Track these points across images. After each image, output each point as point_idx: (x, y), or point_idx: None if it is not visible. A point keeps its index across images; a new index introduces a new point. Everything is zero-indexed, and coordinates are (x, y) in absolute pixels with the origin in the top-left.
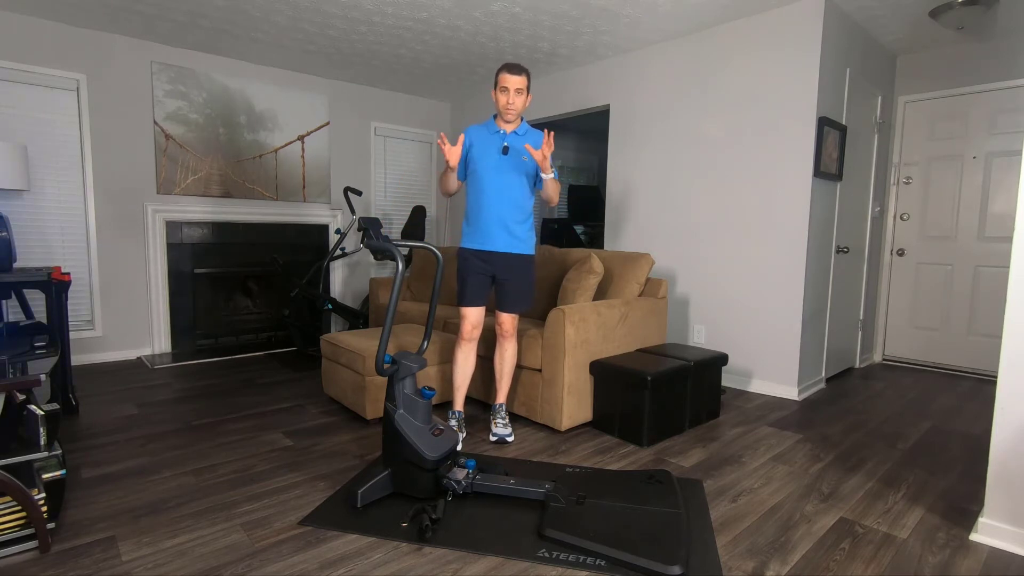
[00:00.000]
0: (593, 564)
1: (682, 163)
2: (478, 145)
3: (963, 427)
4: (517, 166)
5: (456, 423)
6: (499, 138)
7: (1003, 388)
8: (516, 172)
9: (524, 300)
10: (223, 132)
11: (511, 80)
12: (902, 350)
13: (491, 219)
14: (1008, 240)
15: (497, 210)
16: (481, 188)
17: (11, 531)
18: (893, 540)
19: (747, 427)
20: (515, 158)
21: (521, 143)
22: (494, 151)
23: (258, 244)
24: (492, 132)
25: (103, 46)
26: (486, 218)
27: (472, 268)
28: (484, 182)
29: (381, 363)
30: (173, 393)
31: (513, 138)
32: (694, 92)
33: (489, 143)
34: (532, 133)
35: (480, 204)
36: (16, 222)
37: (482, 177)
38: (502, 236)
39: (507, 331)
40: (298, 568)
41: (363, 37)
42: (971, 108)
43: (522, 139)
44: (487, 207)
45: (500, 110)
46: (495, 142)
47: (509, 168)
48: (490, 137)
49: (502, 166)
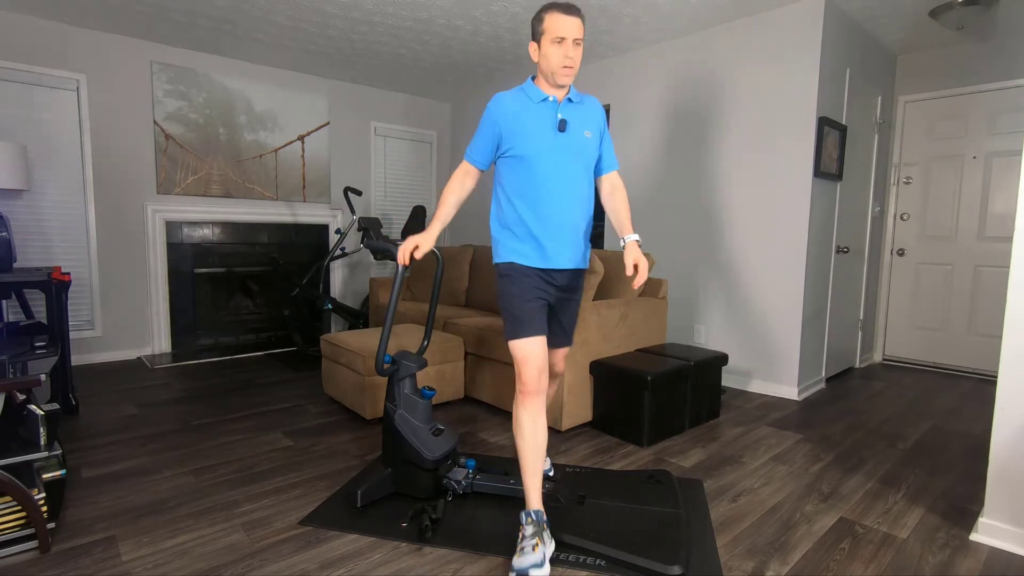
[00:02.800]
0: (593, 564)
1: (682, 163)
2: (519, 121)
3: (963, 427)
4: (580, 149)
5: (534, 530)
6: (550, 109)
7: (1003, 388)
8: (579, 157)
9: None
10: (223, 132)
11: (568, 25)
12: (902, 350)
13: (558, 226)
14: (1008, 240)
15: (565, 212)
16: (536, 180)
17: (11, 531)
18: (893, 540)
19: (747, 427)
20: (576, 138)
21: (580, 117)
22: (547, 127)
23: (258, 244)
24: (536, 100)
25: (103, 46)
26: (551, 225)
27: (533, 291)
28: (540, 172)
29: (381, 363)
30: (173, 393)
31: (569, 107)
32: (694, 92)
33: (536, 116)
34: (588, 101)
35: (538, 203)
36: (16, 222)
37: (535, 164)
38: (571, 249)
39: (560, 372)
40: (298, 568)
41: (363, 37)
42: (971, 108)
43: (579, 110)
44: (550, 209)
45: (551, 71)
46: (545, 115)
47: (569, 151)
48: (536, 108)
49: (560, 149)
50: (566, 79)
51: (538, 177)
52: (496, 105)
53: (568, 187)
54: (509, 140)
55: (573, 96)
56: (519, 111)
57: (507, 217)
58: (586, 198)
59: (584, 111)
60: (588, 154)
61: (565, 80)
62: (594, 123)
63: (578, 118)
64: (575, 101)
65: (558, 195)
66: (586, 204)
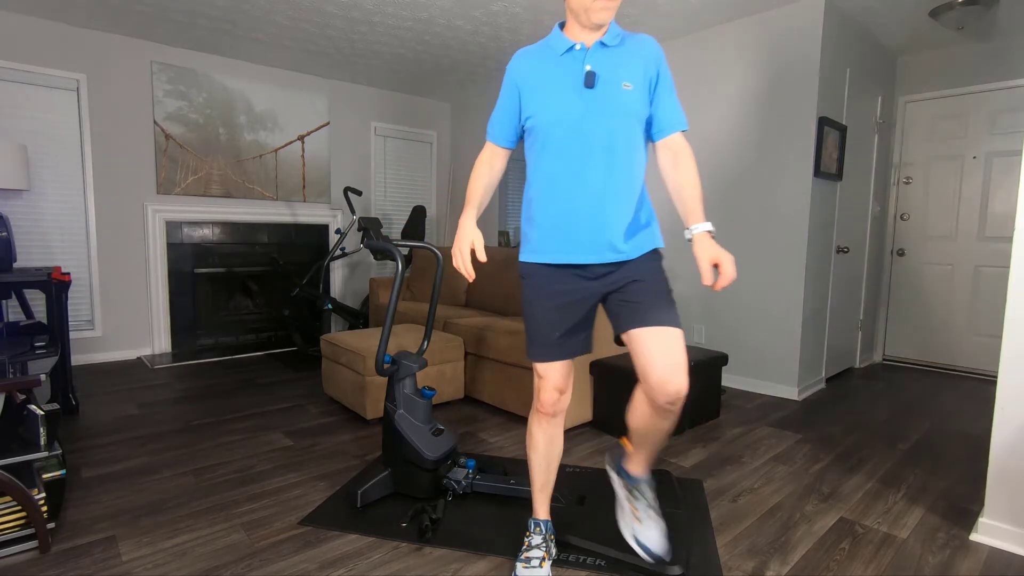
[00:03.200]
0: (593, 564)
1: None
2: (537, 79)
3: (963, 427)
4: (615, 107)
5: (542, 540)
6: (575, 60)
7: (1003, 388)
8: (613, 117)
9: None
10: (223, 132)
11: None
12: (902, 350)
13: (588, 212)
14: (1008, 240)
15: (595, 195)
16: (557, 153)
17: (11, 531)
18: (893, 540)
19: (747, 427)
20: (610, 93)
21: (616, 64)
22: (569, 84)
23: (258, 244)
24: (560, 51)
25: (103, 46)
26: (579, 212)
27: (553, 297)
28: (560, 143)
29: (381, 363)
30: (173, 393)
31: (601, 55)
32: (694, 92)
33: (558, 72)
34: (632, 42)
35: (559, 183)
36: (16, 222)
37: (555, 133)
38: (605, 238)
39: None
40: (298, 568)
41: (363, 37)
42: (971, 108)
43: (616, 56)
44: (575, 190)
45: (582, 6)
46: (569, 68)
47: (599, 113)
48: (557, 62)
49: (587, 110)
50: (603, 14)
51: (558, 149)
52: (513, 63)
53: (599, 160)
54: (528, 106)
55: (609, 38)
56: (537, 67)
57: (529, 206)
58: (627, 172)
59: (623, 55)
60: (628, 112)
61: (602, 16)
62: (638, 69)
63: (613, 66)
64: (611, 45)
65: (586, 171)
66: (627, 180)
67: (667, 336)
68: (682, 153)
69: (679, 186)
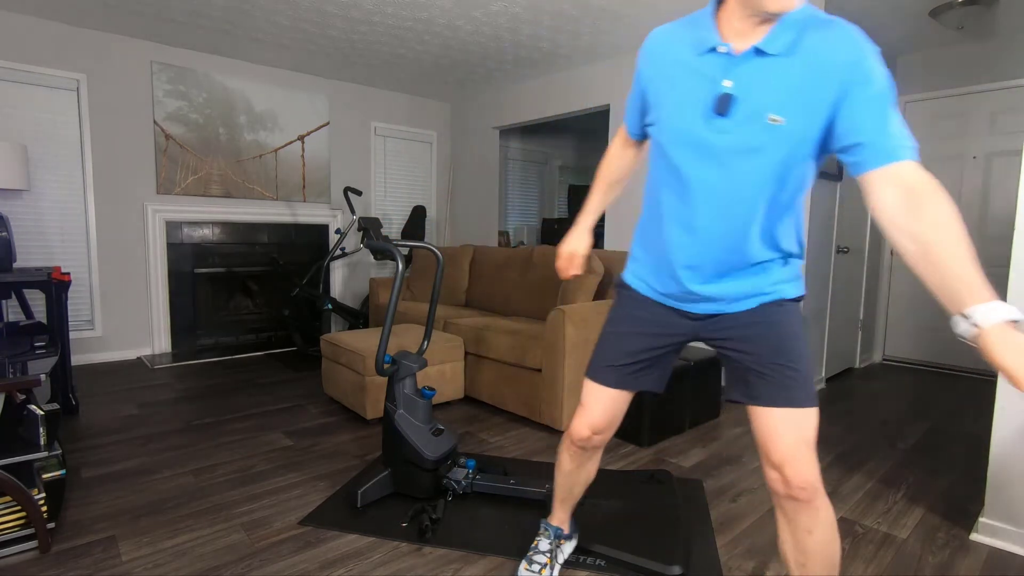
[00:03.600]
0: (593, 564)
1: None
2: (666, 78)
3: (963, 427)
4: (753, 141)
5: (549, 546)
6: (713, 68)
7: (1003, 388)
8: (749, 155)
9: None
10: (223, 132)
11: None
12: (902, 350)
13: (679, 253)
14: (1008, 240)
15: (699, 239)
16: (665, 182)
17: (11, 531)
18: (893, 540)
19: (747, 427)
20: (751, 122)
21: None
22: (699, 100)
23: (258, 244)
24: (701, 50)
25: (103, 46)
26: (669, 249)
27: (631, 320)
28: (672, 173)
29: (381, 363)
30: (173, 393)
31: (751, 67)
32: None
33: (690, 78)
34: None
35: (660, 216)
36: (16, 222)
37: (672, 157)
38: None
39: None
40: (298, 568)
41: (363, 37)
42: (971, 108)
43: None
44: (674, 228)
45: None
46: (705, 77)
47: (731, 145)
48: (692, 63)
49: (716, 141)
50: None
51: (671, 180)
52: (645, 47)
53: (714, 206)
54: (651, 110)
55: (772, 42)
56: (669, 62)
57: (642, 218)
58: (755, 222)
59: (790, 69)
60: (771, 155)
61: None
62: (809, 90)
63: (765, 86)
64: (772, 53)
65: (697, 216)
66: (753, 232)
67: (789, 417)
68: (922, 191)
69: (929, 243)
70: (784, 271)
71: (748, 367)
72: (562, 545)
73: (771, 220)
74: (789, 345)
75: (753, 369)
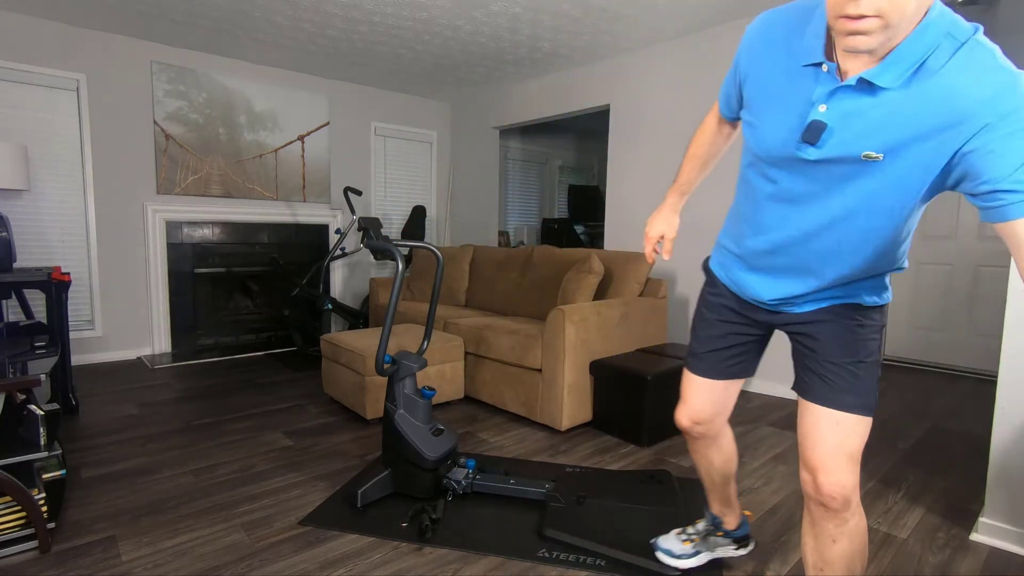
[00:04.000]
0: (593, 564)
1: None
2: (760, 81)
3: (963, 427)
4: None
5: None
6: (815, 85)
7: (1003, 388)
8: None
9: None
10: (223, 132)
11: None
12: (902, 350)
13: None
14: None
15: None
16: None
17: (11, 531)
18: (893, 540)
19: (747, 427)
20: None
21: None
22: (795, 116)
23: (258, 244)
24: (805, 61)
25: (103, 46)
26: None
27: (714, 307)
28: (757, 186)
29: (381, 363)
30: (173, 393)
31: (855, 98)
32: (694, 92)
33: (787, 86)
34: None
35: (741, 224)
36: (16, 222)
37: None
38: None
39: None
40: (298, 568)
41: (363, 37)
42: None
43: (889, 101)
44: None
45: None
46: (802, 91)
47: (818, 176)
48: (795, 70)
49: (803, 167)
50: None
51: (755, 193)
52: (748, 34)
53: (797, 234)
54: (747, 108)
55: (883, 73)
56: (770, 64)
57: (731, 208)
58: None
59: (902, 104)
60: (862, 195)
61: (853, 45)
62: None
63: (867, 120)
64: (883, 86)
65: (778, 240)
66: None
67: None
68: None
69: None
70: (865, 281)
71: (809, 362)
72: (719, 537)
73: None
74: (854, 348)
75: (812, 365)
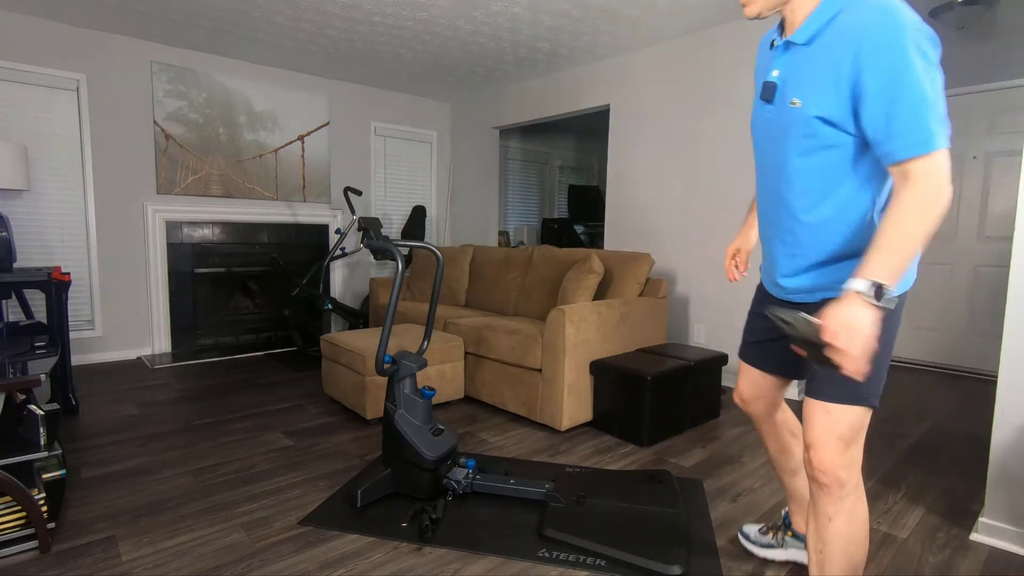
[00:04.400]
0: (593, 564)
1: (682, 163)
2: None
3: (963, 427)
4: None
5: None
6: (771, 59)
7: (1003, 388)
8: (786, 138)
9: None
10: (223, 132)
11: None
12: (902, 350)
13: (765, 238)
14: (1008, 240)
15: (767, 220)
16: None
17: (11, 531)
18: (893, 540)
19: (747, 427)
20: (783, 107)
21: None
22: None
23: (258, 244)
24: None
25: (103, 46)
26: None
27: (755, 297)
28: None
29: (381, 363)
30: (173, 393)
31: (787, 57)
32: (694, 92)
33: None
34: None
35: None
36: (16, 222)
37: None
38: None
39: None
40: (298, 568)
41: (363, 37)
42: (971, 108)
43: (804, 53)
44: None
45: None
46: (766, 68)
47: (776, 130)
48: (766, 57)
49: (768, 126)
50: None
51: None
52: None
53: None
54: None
55: (799, 33)
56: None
57: None
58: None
59: (813, 54)
60: (800, 138)
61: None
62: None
63: (794, 73)
64: (798, 43)
65: (763, 197)
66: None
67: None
68: (902, 186)
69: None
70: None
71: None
72: (790, 538)
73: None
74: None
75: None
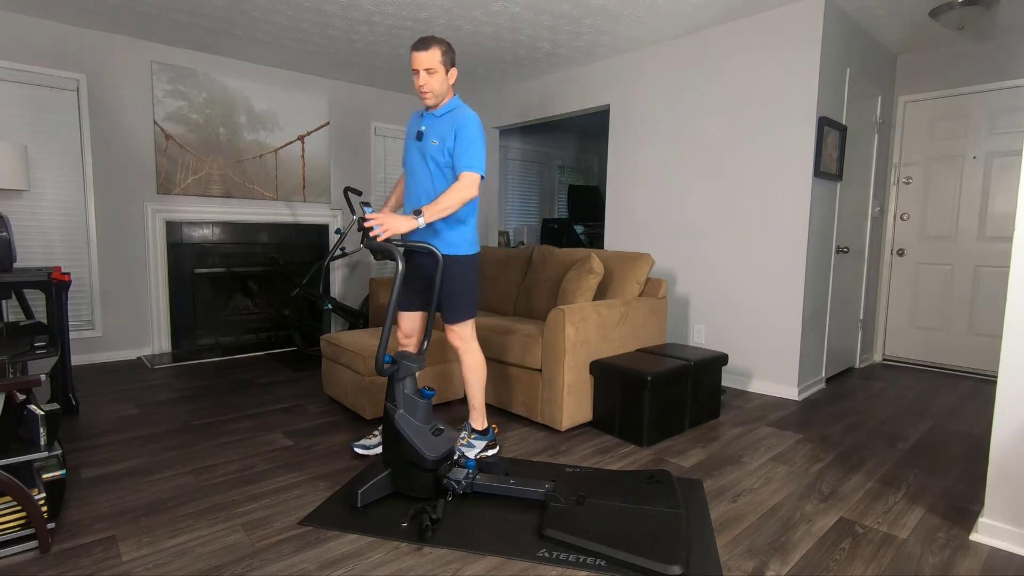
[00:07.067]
0: (593, 564)
1: (682, 163)
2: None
3: (963, 427)
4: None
5: None
6: (421, 122)
7: (1003, 388)
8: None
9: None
10: (223, 132)
11: (417, 59)
12: (902, 350)
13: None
14: (1008, 240)
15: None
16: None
17: (11, 531)
18: (893, 540)
19: (747, 427)
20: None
21: (435, 127)
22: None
23: (258, 244)
24: (419, 116)
25: (103, 46)
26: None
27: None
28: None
29: (381, 363)
30: (173, 393)
31: (430, 120)
32: (694, 92)
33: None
34: (451, 115)
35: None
36: (16, 222)
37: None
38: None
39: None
40: (298, 568)
41: (363, 37)
42: (971, 108)
43: (437, 121)
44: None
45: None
46: (417, 126)
47: (423, 153)
48: (416, 123)
49: (417, 152)
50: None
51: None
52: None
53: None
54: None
55: (437, 111)
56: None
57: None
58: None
59: (441, 123)
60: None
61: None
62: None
63: (433, 128)
64: (436, 114)
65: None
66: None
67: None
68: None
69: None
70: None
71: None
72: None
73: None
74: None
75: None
